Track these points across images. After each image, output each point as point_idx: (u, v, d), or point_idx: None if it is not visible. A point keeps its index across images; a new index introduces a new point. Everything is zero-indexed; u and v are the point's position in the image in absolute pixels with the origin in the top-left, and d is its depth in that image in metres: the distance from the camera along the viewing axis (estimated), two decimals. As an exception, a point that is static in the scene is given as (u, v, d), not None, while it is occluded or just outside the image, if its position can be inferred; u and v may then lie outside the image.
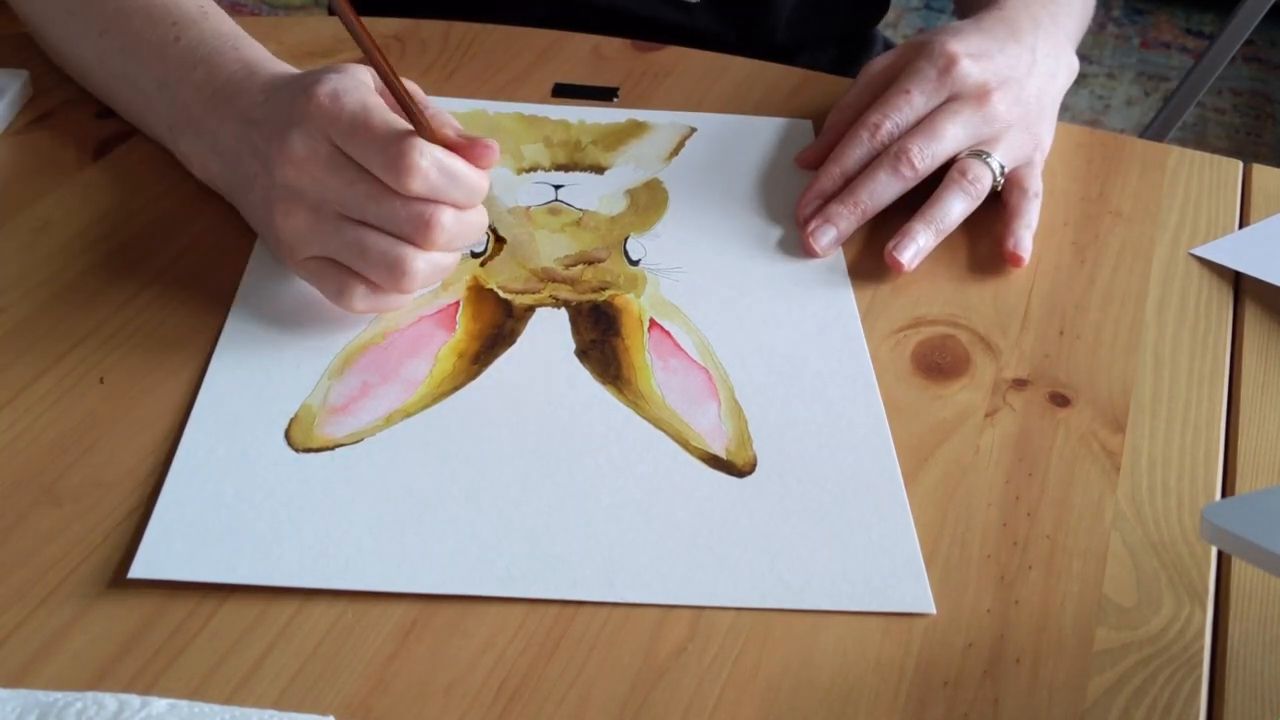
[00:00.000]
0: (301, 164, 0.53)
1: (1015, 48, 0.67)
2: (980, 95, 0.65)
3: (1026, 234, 0.64)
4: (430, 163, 0.52)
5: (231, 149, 0.59)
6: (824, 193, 0.65)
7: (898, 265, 0.62)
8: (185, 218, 0.63)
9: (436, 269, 0.55)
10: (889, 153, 0.64)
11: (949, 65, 0.65)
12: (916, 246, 0.62)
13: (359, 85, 0.54)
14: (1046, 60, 0.68)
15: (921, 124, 0.65)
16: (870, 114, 0.66)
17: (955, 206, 0.63)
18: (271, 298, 0.58)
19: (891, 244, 0.62)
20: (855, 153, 0.65)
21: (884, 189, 0.64)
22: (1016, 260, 0.63)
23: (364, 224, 0.53)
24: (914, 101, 0.65)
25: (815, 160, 0.69)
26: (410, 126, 0.52)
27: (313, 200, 0.54)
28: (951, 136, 0.64)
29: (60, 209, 0.63)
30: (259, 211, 0.57)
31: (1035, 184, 0.66)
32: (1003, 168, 0.65)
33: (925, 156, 0.64)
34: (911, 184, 0.64)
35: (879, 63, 0.69)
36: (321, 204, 0.54)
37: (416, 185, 0.52)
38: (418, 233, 0.53)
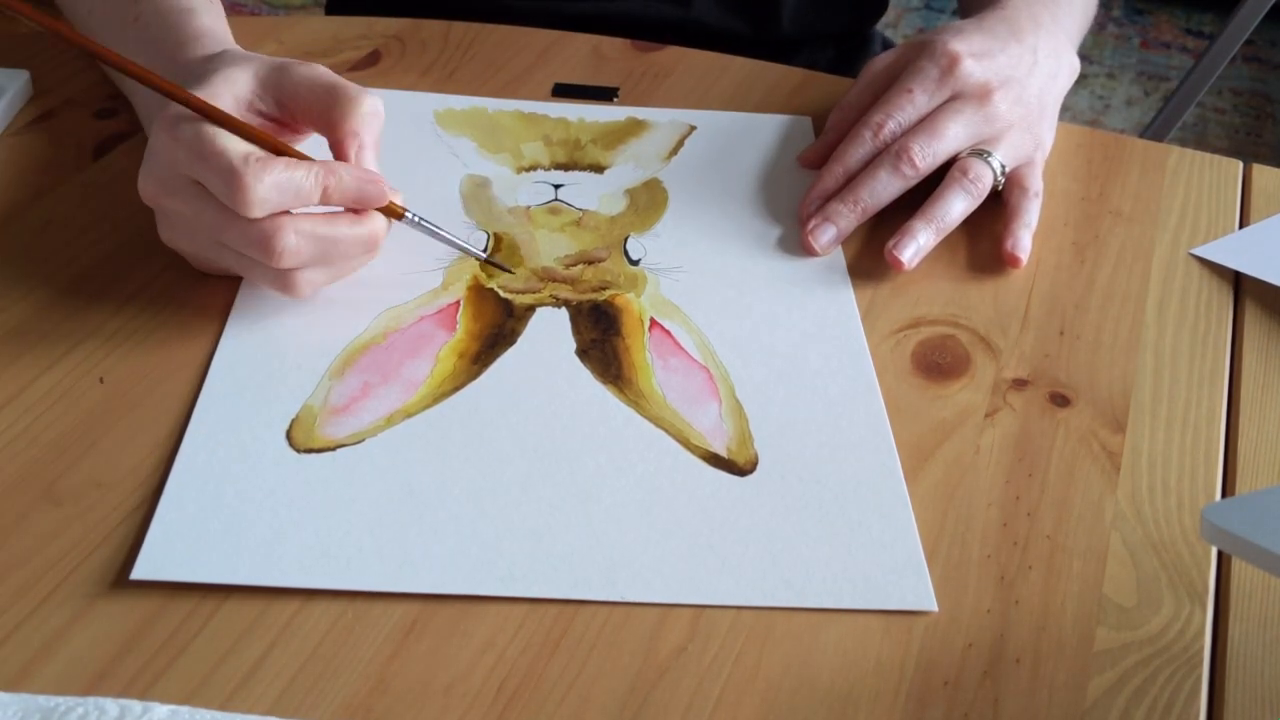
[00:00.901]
0: (155, 196, 0.54)
1: (1017, 47, 0.67)
2: (982, 94, 0.65)
3: (1026, 234, 0.64)
4: (269, 184, 0.50)
5: None
6: (826, 192, 0.65)
7: (898, 264, 0.62)
8: (185, 218, 0.63)
9: (330, 276, 0.55)
10: (890, 151, 0.64)
11: (951, 64, 0.65)
12: (916, 245, 0.62)
13: (211, 100, 0.53)
14: (1048, 60, 0.68)
15: (923, 123, 0.65)
16: (873, 113, 0.66)
17: (956, 205, 0.63)
18: (272, 298, 0.58)
19: (891, 242, 0.62)
20: (857, 152, 0.65)
21: (884, 187, 0.64)
22: (1015, 261, 0.63)
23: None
24: (916, 100, 0.65)
25: (817, 160, 0.69)
26: (249, 147, 0.51)
27: (180, 226, 0.55)
28: (953, 135, 0.64)
29: (60, 209, 0.63)
30: None
31: (1036, 183, 0.66)
32: (1004, 167, 0.65)
33: (926, 155, 0.64)
34: (912, 182, 0.64)
35: (880, 62, 0.69)
36: (191, 230, 0.55)
37: (255, 210, 0.51)
38: (265, 256, 0.52)
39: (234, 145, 0.51)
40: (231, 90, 0.55)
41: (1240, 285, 0.64)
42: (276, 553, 0.46)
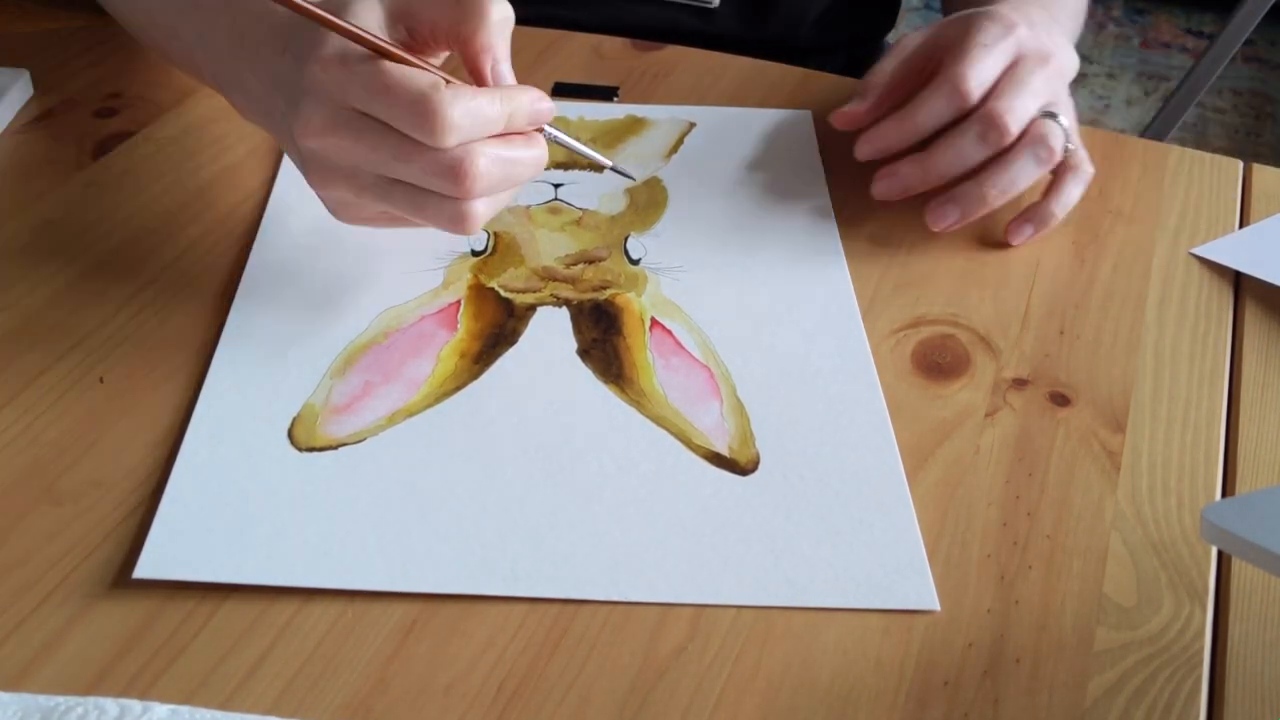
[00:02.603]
0: (320, 134, 0.49)
1: (1045, 27, 0.66)
2: (1043, 57, 0.63)
3: (1060, 211, 0.64)
4: (460, 112, 0.47)
5: (263, 101, 0.55)
6: (889, 148, 0.63)
7: (945, 227, 0.63)
8: (185, 218, 0.63)
9: (496, 207, 0.52)
10: (977, 118, 0.61)
11: (1011, 27, 0.63)
12: (979, 213, 0.62)
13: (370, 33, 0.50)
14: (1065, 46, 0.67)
15: (1005, 82, 0.62)
16: (953, 68, 0.62)
17: (1027, 173, 0.62)
18: (272, 297, 0.58)
19: (947, 208, 0.62)
20: (935, 108, 0.62)
21: (968, 157, 0.62)
22: (1016, 233, 0.64)
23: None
24: (993, 57, 0.62)
25: (860, 120, 0.66)
26: (431, 75, 0.49)
27: (345, 168, 0.51)
28: (1035, 93, 0.62)
29: (60, 209, 0.63)
30: (300, 169, 0.54)
31: (1088, 166, 0.65)
32: (1068, 134, 0.63)
33: (1016, 121, 0.61)
34: (994, 151, 0.62)
35: (912, 39, 0.67)
36: (355, 170, 0.51)
37: (450, 138, 0.48)
38: (454, 184, 0.49)
39: (414, 75, 0.48)
40: (368, 21, 0.51)
41: (1240, 285, 0.64)
42: (279, 552, 0.46)
